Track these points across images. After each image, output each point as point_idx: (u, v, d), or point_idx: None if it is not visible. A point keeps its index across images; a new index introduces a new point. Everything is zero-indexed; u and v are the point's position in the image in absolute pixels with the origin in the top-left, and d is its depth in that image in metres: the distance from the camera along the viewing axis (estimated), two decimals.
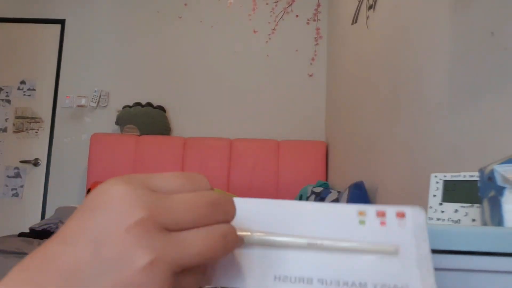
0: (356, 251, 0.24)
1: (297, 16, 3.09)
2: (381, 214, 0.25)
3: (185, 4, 3.13)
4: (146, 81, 3.08)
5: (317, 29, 3.08)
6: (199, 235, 0.21)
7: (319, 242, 0.24)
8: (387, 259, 0.23)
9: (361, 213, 0.25)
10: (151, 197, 0.21)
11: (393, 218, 0.24)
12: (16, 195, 3.00)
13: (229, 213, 0.23)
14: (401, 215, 0.24)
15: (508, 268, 0.37)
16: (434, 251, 0.38)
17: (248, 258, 0.25)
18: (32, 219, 2.89)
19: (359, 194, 1.70)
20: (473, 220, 0.53)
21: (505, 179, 0.44)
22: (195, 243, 0.21)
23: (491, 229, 0.38)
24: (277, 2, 3.11)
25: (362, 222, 0.24)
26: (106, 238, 0.19)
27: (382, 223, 0.24)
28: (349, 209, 0.25)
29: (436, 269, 0.38)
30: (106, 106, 3.04)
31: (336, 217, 0.25)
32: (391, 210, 0.25)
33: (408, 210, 0.24)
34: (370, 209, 0.25)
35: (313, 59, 3.06)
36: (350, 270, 0.23)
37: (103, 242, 0.19)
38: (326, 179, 2.74)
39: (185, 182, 0.23)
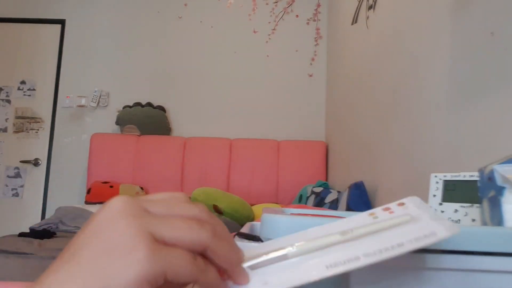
0: (382, 230, 0.28)
1: (297, 16, 3.09)
2: (387, 209, 0.30)
3: (185, 4, 3.13)
4: (146, 81, 3.08)
5: (317, 29, 3.08)
6: (176, 217, 0.24)
7: (350, 228, 0.28)
8: (408, 225, 0.28)
9: (371, 214, 0.30)
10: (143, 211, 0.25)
11: (396, 207, 0.30)
12: (16, 195, 3.00)
13: (201, 207, 0.26)
14: (401, 204, 0.30)
15: (508, 268, 0.37)
16: (434, 251, 0.38)
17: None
18: (32, 219, 2.89)
19: (359, 194, 1.70)
20: (473, 220, 0.53)
21: (505, 179, 0.44)
22: (174, 220, 0.24)
23: (491, 229, 0.38)
24: (277, 2, 3.11)
25: (375, 217, 0.30)
26: (103, 226, 0.23)
27: (391, 212, 0.30)
28: (360, 214, 0.30)
29: (436, 269, 0.38)
30: (106, 106, 3.04)
31: (351, 220, 0.30)
32: (393, 204, 0.30)
33: (406, 199, 0.30)
34: (377, 210, 0.30)
35: (313, 59, 3.06)
36: (385, 241, 0.27)
37: (98, 231, 0.23)
38: (326, 179, 2.74)
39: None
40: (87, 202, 2.57)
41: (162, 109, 2.96)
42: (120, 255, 0.21)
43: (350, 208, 1.68)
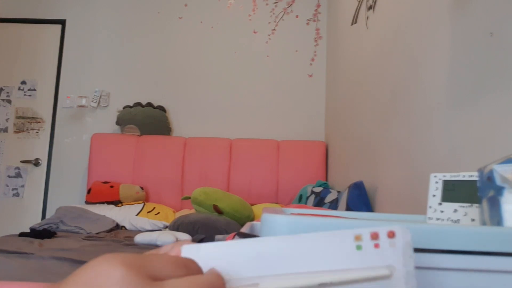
0: (358, 281, 0.27)
1: (297, 16, 3.10)
2: (375, 236, 0.28)
3: (185, 5, 3.13)
4: (147, 81, 3.08)
5: (317, 29, 3.08)
6: (186, 280, 0.23)
7: (329, 281, 0.26)
8: (383, 282, 0.27)
9: (357, 238, 0.28)
10: (148, 285, 0.22)
11: (385, 239, 0.27)
12: (17, 195, 3.00)
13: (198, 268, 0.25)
14: (391, 235, 0.28)
15: (507, 268, 0.37)
16: (434, 251, 0.38)
17: None
18: (33, 219, 2.90)
19: (359, 194, 1.70)
20: (473, 220, 0.53)
21: (504, 179, 0.44)
22: (181, 284, 0.22)
23: (490, 229, 0.38)
24: (277, 2, 3.11)
25: (359, 248, 0.27)
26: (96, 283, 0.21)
27: (376, 246, 0.27)
28: (345, 235, 0.28)
29: (436, 269, 0.38)
30: (107, 106, 3.05)
31: (334, 245, 0.28)
32: (383, 231, 0.28)
33: (397, 229, 0.28)
34: (364, 232, 0.28)
35: (313, 60, 3.06)
36: None
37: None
38: (326, 179, 2.74)
39: (178, 268, 0.25)
40: (87, 202, 2.57)
41: (162, 109, 2.96)
42: None
43: (349, 208, 1.68)
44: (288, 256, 0.27)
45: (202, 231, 1.92)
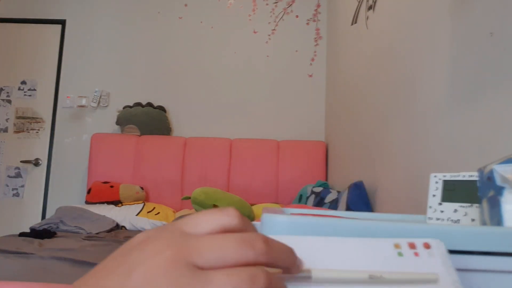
0: (406, 282, 0.28)
1: (297, 16, 3.10)
2: (412, 246, 0.30)
3: (185, 5, 3.13)
4: (147, 81, 3.08)
5: (317, 29, 3.08)
6: (226, 275, 0.21)
7: (379, 274, 0.27)
8: (429, 286, 0.28)
9: (397, 246, 0.30)
10: (181, 238, 0.22)
11: (422, 249, 0.30)
12: (17, 195, 3.00)
13: (260, 251, 0.23)
14: (427, 246, 0.30)
15: (507, 267, 0.37)
16: None
17: None
18: (33, 219, 2.90)
19: (359, 194, 1.70)
20: (473, 220, 0.53)
21: (504, 179, 0.44)
22: (220, 283, 0.21)
23: (490, 229, 0.38)
24: (277, 2, 3.11)
25: (400, 254, 0.29)
26: (138, 269, 0.21)
27: (416, 254, 0.30)
28: (385, 242, 0.30)
29: None
30: (107, 106, 3.05)
31: (376, 250, 0.30)
32: (419, 242, 0.30)
33: (432, 241, 0.31)
34: (402, 242, 0.30)
35: (313, 60, 3.06)
36: None
37: (134, 272, 0.21)
38: (326, 179, 2.74)
39: (239, 249, 0.23)
40: (87, 202, 2.57)
41: (162, 109, 2.96)
42: None
43: (349, 208, 1.68)
44: (335, 254, 0.29)
45: None
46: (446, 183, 0.58)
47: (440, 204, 0.58)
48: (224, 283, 0.21)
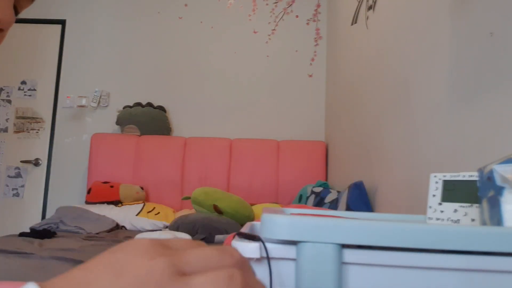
0: None
1: (297, 16, 3.10)
2: None
3: (186, 5, 3.13)
4: (147, 81, 3.08)
5: (317, 29, 3.08)
6: (205, 276, 0.23)
7: None
8: None
9: None
10: (167, 249, 0.24)
11: None
12: (17, 195, 3.00)
13: (235, 256, 0.25)
14: None
15: (507, 267, 0.37)
16: (433, 251, 0.38)
17: None
18: (33, 219, 2.90)
19: (359, 194, 1.70)
20: (473, 220, 0.53)
21: (504, 179, 0.44)
22: (200, 281, 0.22)
23: (490, 229, 0.38)
24: (277, 2, 3.11)
25: None
26: (124, 270, 0.22)
27: None
28: None
29: (436, 268, 0.38)
30: (107, 106, 3.05)
31: None
32: None
33: None
34: None
35: (313, 60, 3.06)
36: None
37: (121, 273, 0.22)
38: (326, 179, 2.74)
39: (219, 258, 0.25)
40: (87, 202, 2.57)
41: (162, 109, 2.96)
42: None
43: (349, 208, 1.68)
44: None
45: (202, 231, 1.92)
46: (446, 183, 0.58)
47: (440, 204, 0.58)
48: (204, 282, 0.22)
